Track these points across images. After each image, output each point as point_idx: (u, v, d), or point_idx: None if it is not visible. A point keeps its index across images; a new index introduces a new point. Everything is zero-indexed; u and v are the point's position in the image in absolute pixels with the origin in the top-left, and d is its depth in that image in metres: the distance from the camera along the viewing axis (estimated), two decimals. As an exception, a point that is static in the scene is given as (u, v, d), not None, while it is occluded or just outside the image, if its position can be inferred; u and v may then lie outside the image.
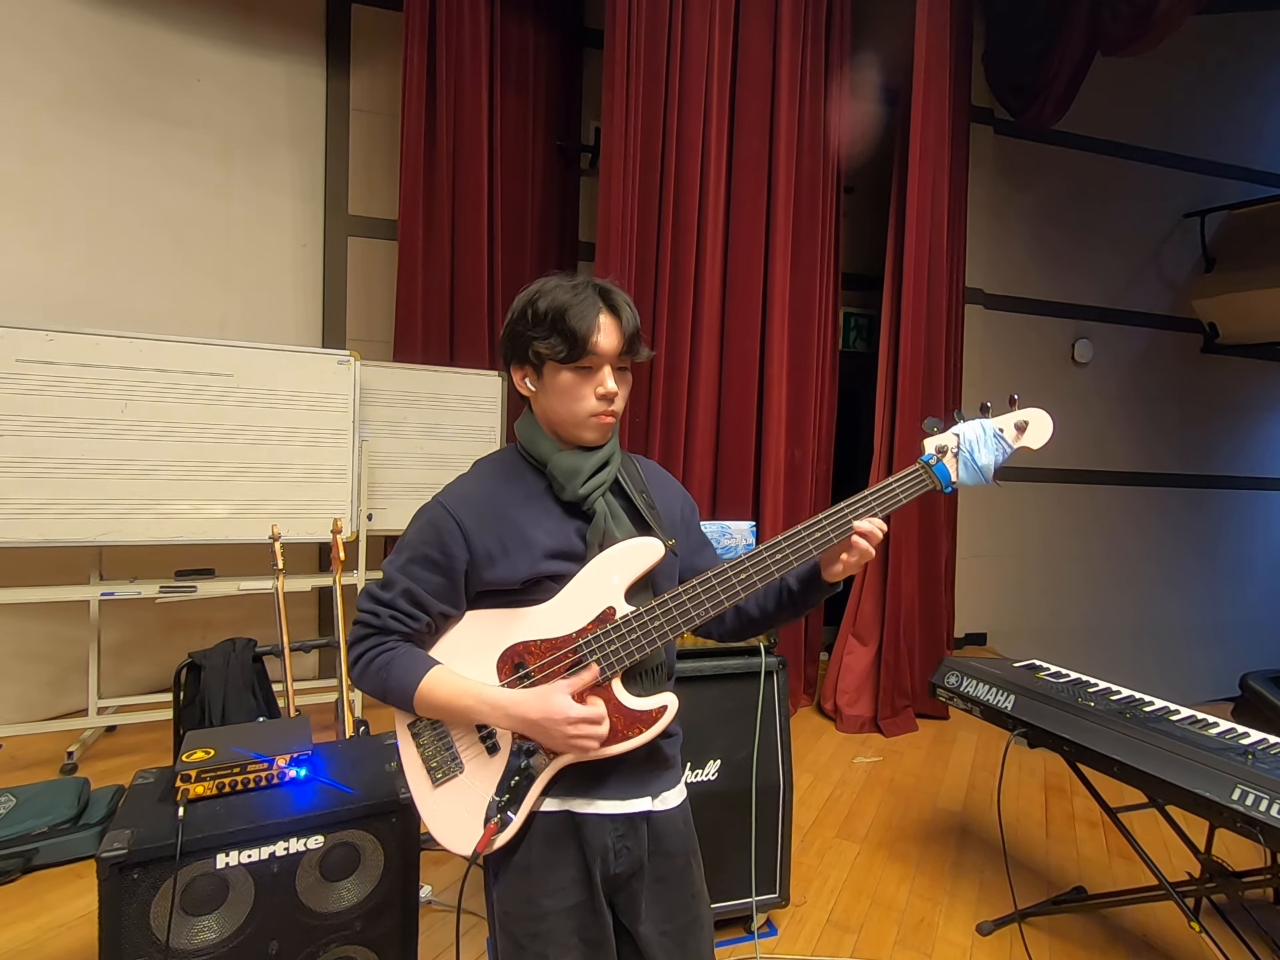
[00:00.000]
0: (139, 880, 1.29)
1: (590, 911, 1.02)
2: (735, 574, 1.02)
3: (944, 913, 2.13)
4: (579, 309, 0.98)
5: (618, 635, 0.99)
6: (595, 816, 1.02)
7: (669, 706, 1.01)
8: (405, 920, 1.53)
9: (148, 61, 3.38)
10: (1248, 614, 5.75)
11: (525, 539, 1.00)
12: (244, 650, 2.16)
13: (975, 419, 1.11)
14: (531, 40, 3.81)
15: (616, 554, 1.01)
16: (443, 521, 1.00)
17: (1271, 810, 1.44)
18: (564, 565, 1.01)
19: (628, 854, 1.03)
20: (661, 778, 1.08)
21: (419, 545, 1.01)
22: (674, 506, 1.16)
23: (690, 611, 1.00)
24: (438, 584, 1.00)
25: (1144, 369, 5.36)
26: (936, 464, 1.08)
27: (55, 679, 3.24)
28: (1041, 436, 1.11)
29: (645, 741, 1.00)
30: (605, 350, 1.00)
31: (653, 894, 1.05)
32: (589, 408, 1.01)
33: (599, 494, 1.03)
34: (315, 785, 1.50)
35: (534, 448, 1.05)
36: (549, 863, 1.01)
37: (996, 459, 1.09)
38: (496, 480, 1.05)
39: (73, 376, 2.63)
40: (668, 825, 1.08)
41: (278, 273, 3.71)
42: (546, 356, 1.00)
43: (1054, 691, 1.97)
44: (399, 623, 1.01)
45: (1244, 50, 5.28)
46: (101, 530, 2.69)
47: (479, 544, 0.99)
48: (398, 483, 3.40)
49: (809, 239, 3.60)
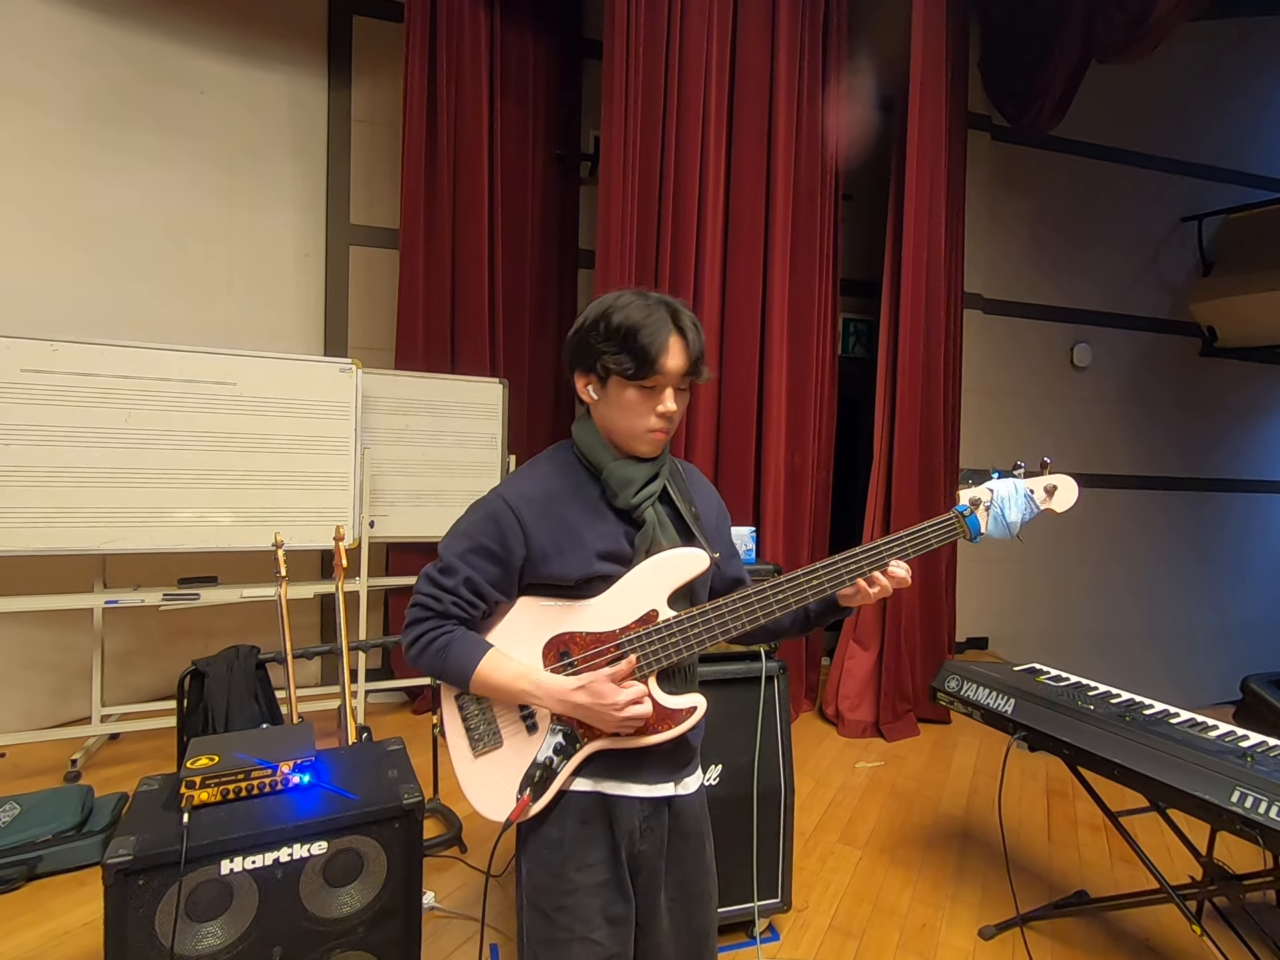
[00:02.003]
0: (144, 886, 1.29)
1: (615, 890, 1.09)
2: (774, 594, 1.09)
3: (946, 917, 2.13)
4: (651, 329, 1.02)
5: (658, 637, 1.06)
6: (626, 799, 1.10)
7: (699, 708, 1.09)
8: (408, 926, 1.53)
9: (153, 73, 3.41)
10: (1250, 617, 5.74)
11: (579, 540, 1.06)
12: (247, 657, 2.17)
13: (1009, 477, 1.19)
14: (531, 51, 3.84)
15: (665, 561, 1.08)
16: (504, 517, 1.05)
17: (1271, 812, 1.44)
18: (612, 567, 1.08)
19: (652, 834, 1.12)
20: (685, 767, 1.17)
21: (479, 536, 1.06)
22: (710, 515, 1.22)
23: (729, 623, 1.08)
24: (495, 574, 1.07)
25: (1143, 373, 5.37)
26: (969, 515, 1.17)
27: (59, 687, 3.25)
28: (1067, 502, 1.19)
29: (673, 737, 1.08)
30: (671, 371, 1.04)
31: (670, 868, 1.15)
32: (648, 424, 1.07)
33: (649, 504, 1.10)
34: (319, 791, 1.51)
35: (591, 454, 1.11)
36: (581, 839, 1.09)
37: (1024, 517, 1.17)
38: (555, 481, 1.11)
39: (77, 386, 2.65)
40: (687, 808, 1.17)
41: (280, 282, 3.74)
42: (614, 372, 1.05)
43: (1054, 695, 1.98)
44: (460, 609, 1.07)
45: (1239, 55, 5.31)
46: (105, 538, 2.70)
47: (536, 541, 1.05)
48: (400, 490, 3.41)
49: (807, 245, 3.62)
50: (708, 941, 1.21)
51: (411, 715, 3.52)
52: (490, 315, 3.69)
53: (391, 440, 3.37)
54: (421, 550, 3.60)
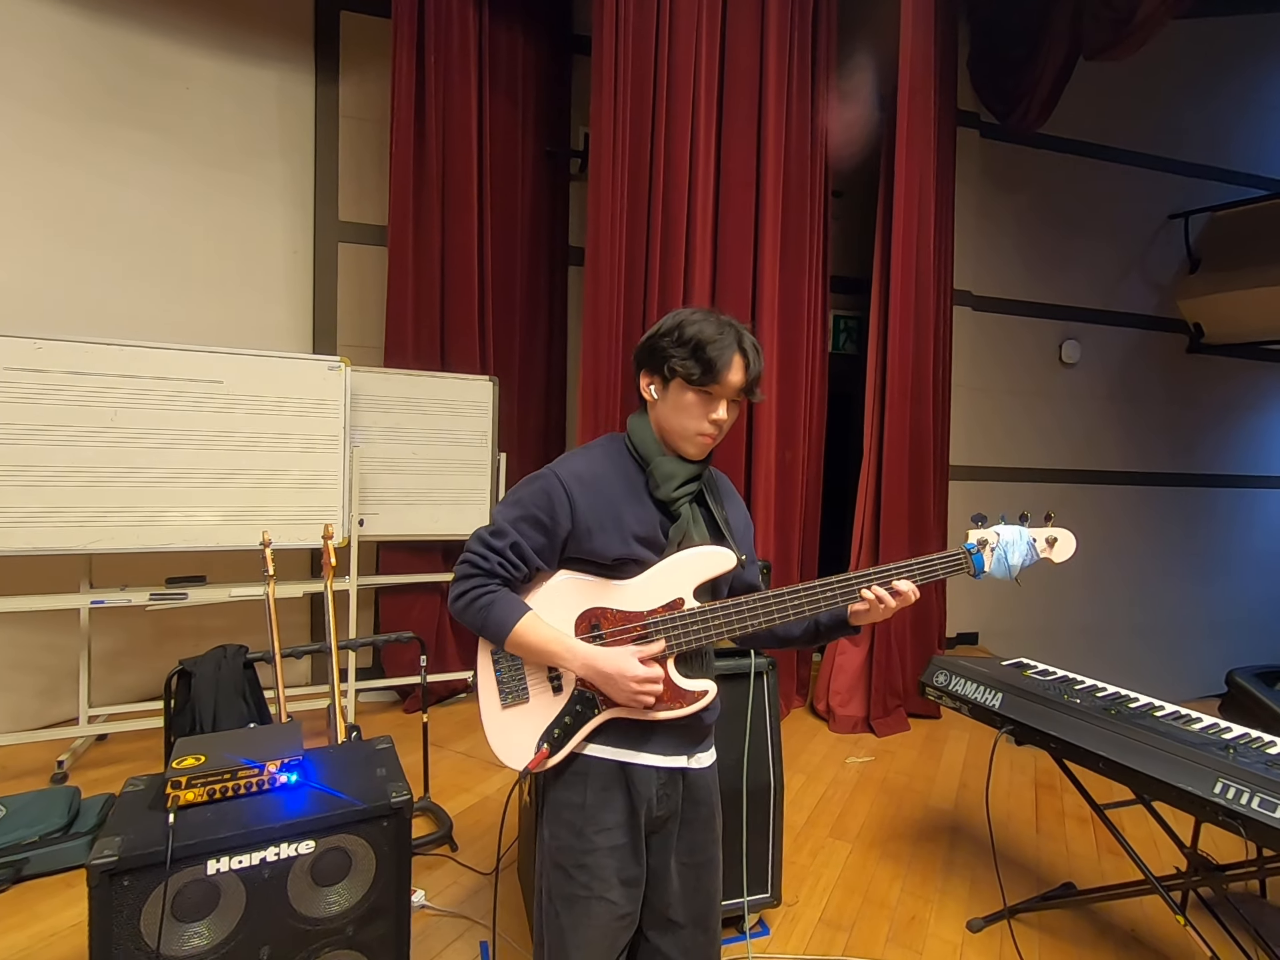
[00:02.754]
0: (130, 887, 1.29)
1: (631, 854, 1.19)
2: (791, 598, 1.20)
3: (935, 910, 2.14)
4: (720, 344, 1.15)
5: (681, 623, 1.17)
6: (642, 767, 1.19)
7: (710, 692, 1.20)
8: (398, 925, 1.53)
9: (140, 69, 3.38)
10: (1236, 611, 5.80)
11: (620, 522, 1.16)
12: (235, 657, 2.16)
13: (1014, 524, 1.30)
14: (520, 47, 3.82)
15: (696, 555, 1.18)
16: (555, 491, 1.15)
17: (1252, 803, 1.46)
18: (646, 553, 1.18)
19: (667, 800, 1.21)
20: (698, 743, 1.26)
21: (531, 506, 1.15)
22: (738, 523, 1.32)
23: (747, 620, 1.18)
24: (541, 543, 1.16)
25: (1131, 369, 5.41)
26: (976, 554, 1.29)
27: (47, 688, 3.23)
28: (1065, 554, 1.32)
29: (683, 715, 1.18)
30: (730, 384, 1.16)
31: (681, 833, 1.24)
32: (699, 427, 1.18)
33: (685, 499, 1.20)
34: (306, 790, 1.50)
35: (642, 446, 1.22)
36: (600, 803, 1.18)
37: (1024, 563, 1.29)
38: (605, 465, 1.21)
39: (62, 384, 2.62)
40: (698, 780, 1.26)
41: (268, 279, 3.71)
42: (680, 374, 1.17)
43: (1040, 689, 1.99)
44: (505, 569, 1.15)
45: (1226, 53, 5.34)
46: (92, 538, 2.68)
47: (582, 517, 1.15)
48: (390, 488, 3.40)
49: (797, 242, 3.62)
50: (714, 904, 1.28)
51: (403, 714, 3.51)
52: (480, 313, 3.67)
53: (381, 438, 3.36)
54: (412, 548, 3.59)
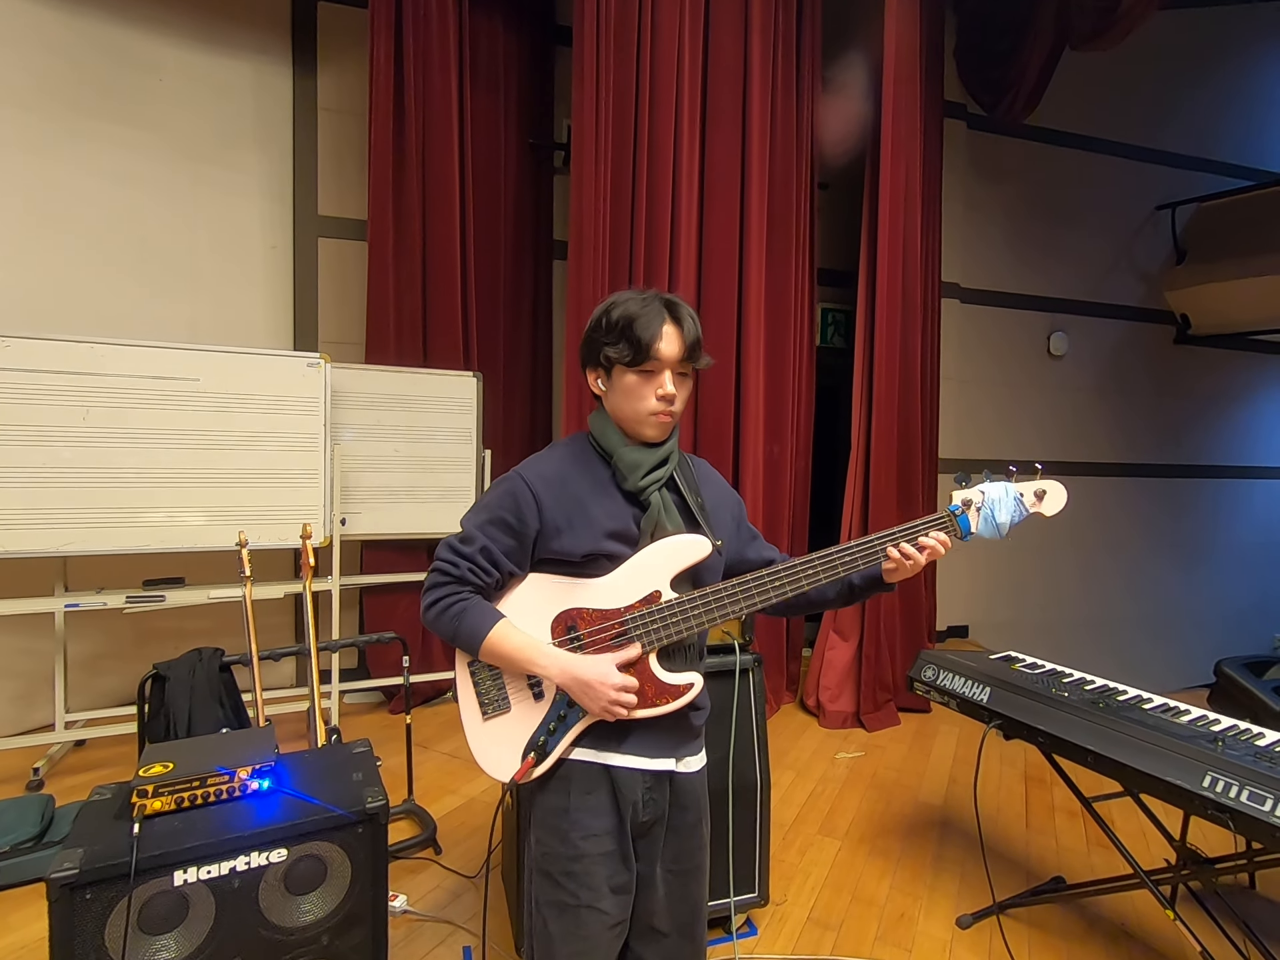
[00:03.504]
0: (92, 900, 1.25)
1: (620, 860, 1.15)
2: (771, 581, 1.17)
3: (924, 907, 2.12)
4: (645, 319, 1.12)
5: (659, 617, 1.14)
6: (627, 770, 1.16)
7: (695, 684, 1.15)
8: (375, 932, 1.49)
9: (108, 60, 3.30)
10: (1224, 601, 5.83)
11: (589, 518, 1.13)
12: (210, 660, 2.11)
13: (999, 480, 1.24)
14: (502, 37, 3.77)
15: (668, 545, 1.15)
16: (521, 492, 1.13)
17: (1241, 796, 1.44)
18: (619, 547, 1.15)
19: (654, 804, 1.18)
20: (686, 745, 1.22)
21: (497, 509, 1.14)
22: (724, 505, 1.30)
23: (727, 606, 1.15)
24: (511, 546, 1.14)
25: (1119, 360, 5.41)
26: (960, 515, 1.24)
27: (24, 693, 3.17)
28: (1056, 506, 1.26)
29: (670, 710, 1.14)
30: (666, 356, 1.13)
31: (667, 840, 1.21)
32: (650, 407, 1.14)
33: (655, 488, 1.16)
34: (279, 797, 1.46)
35: (604, 440, 1.18)
36: (585, 807, 1.14)
37: (1013, 519, 1.23)
38: (570, 463, 1.19)
39: (31, 383, 2.56)
40: (687, 785, 1.22)
41: (247, 275, 3.65)
42: (615, 360, 1.14)
43: (1028, 683, 1.97)
44: (475, 575, 1.13)
45: (1211, 44, 5.34)
46: (64, 540, 2.62)
47: (550, 516, 1.13)
48: (374, 486, 3.35)
49: (783, 235, 3.59)
50: (699, 913, 1.26)
51: (388, 715, 3.47)
52: (463, 308, 3.62)
53: (363, 436, 3.31)
54: (396, 547, 3.54)
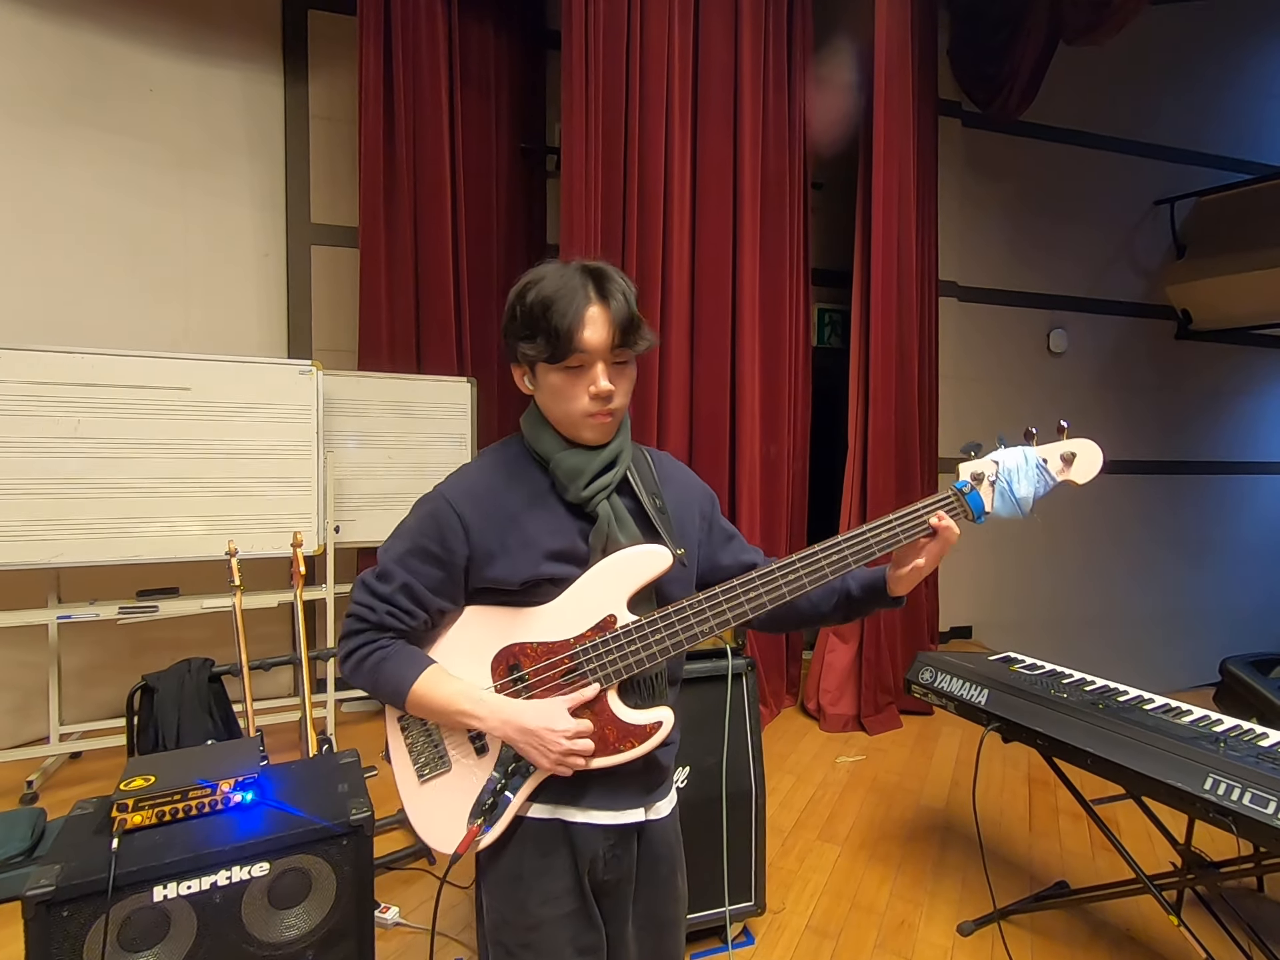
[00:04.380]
0: (70, 918, 1.22)
1: (584, 918, 1.01)
2: (744, 592, 0.98)
3: (925, 914, 2.09)
4: (563, 302, 0.91)
5: (616, 645, 0.96)
6: (588, 826, 1.00)
7: (664, 723, 0.97)
8: (360, 947, 1.47)
9: (100, 69, 3.30)
10: (1229, 599, 5.77)
11: (526, 538, 0.96)
12: (199, 670, 2.09)
13: (1018, 445, 1.02)
14: (492, 42, 3.76)
15: (621, 561, 0.97)
16: (444, 515, 0.96)
17: (1244, 799, 1.41)
18: (565, 568, 0.97)
19: (617, 863, 1.02)
20: (656, 790, 1.07)
21: (418, 537, 0.97)
22: (692, 504, 1.12)
23: (694, 627, 0.97)
24: (437, 579, 0.97)
25: (1119, 357, 5.37)
26: (970, 492, 1.01)
27: (18, 706, 3.15)
28: (1090, 471, 1.03)
29: (638, 756, 0.97)
30: (594, 346, 0.92)
31: (638, 896, 1.06)
32: (583, 408, 0.95)
33: (603, 496, 0.98)
34: (261, 810, 1.44)
35: (538, 444, 1.00)
36: (541, 870, 0.99)
37: (1037, 491, 1.00)
38: (501, 474, 1.00)
39: (21, 394, 2.55)
40: (658, 835, 1.08)
41: (240, 284, 3.64)
42: (533, 358, 0.94)
43: (1028, 684, 1.94)
44: (395, 619, 0.97)
45: (1207, 38, 5.31)
46: (55, 552, 2.61)
47: (480, 540, 0.96)
48: (368, 493, 3.34)
49: (777, 235, 3.57)
50: None
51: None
52: (456, 313, 3.61)
53: (357, 443, 3.29)
54: (392, 554, 3.52)
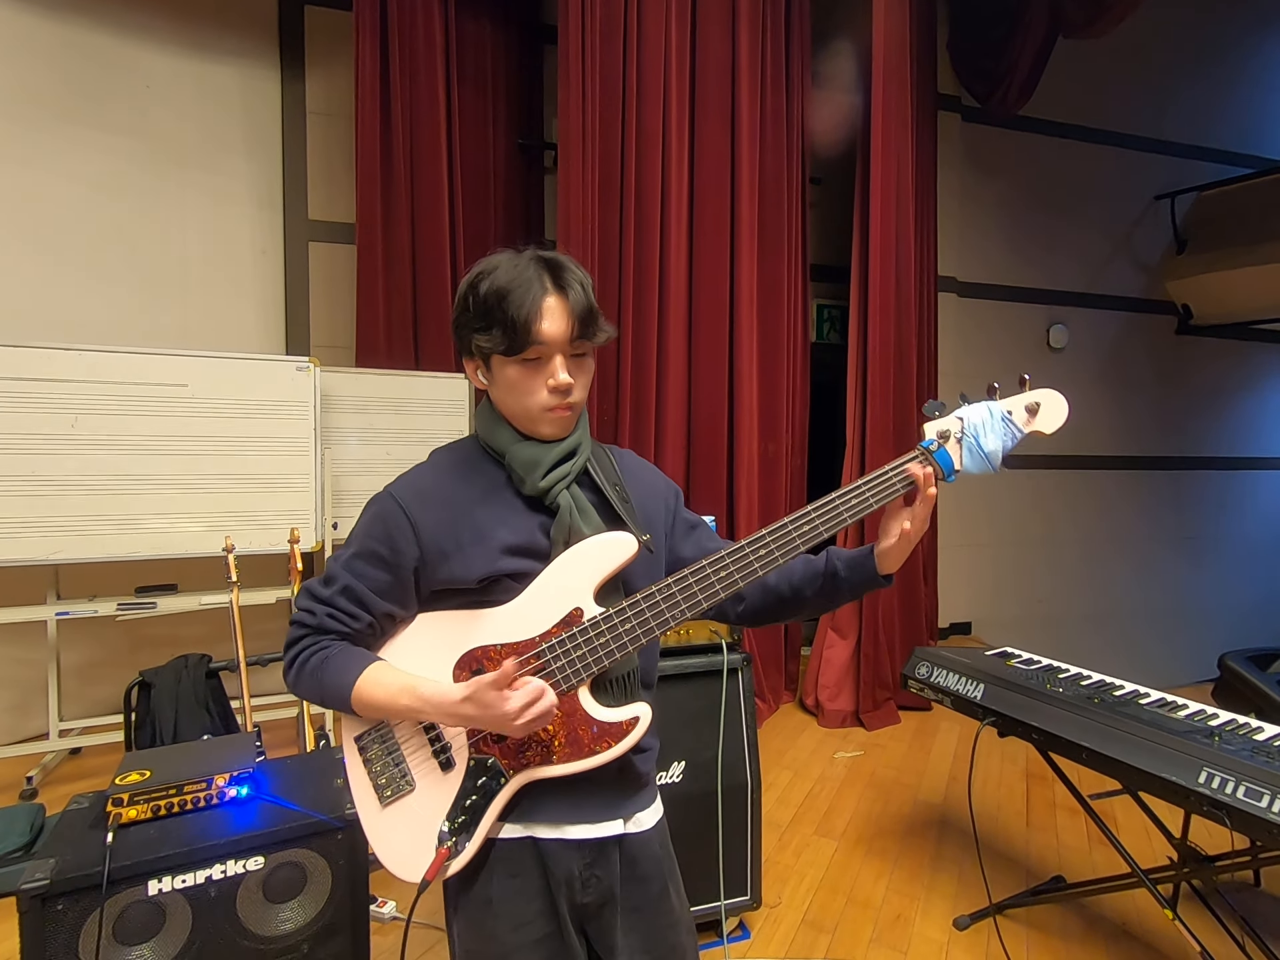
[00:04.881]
0: (64, 911, 1.23)
1: (559, 943, 0.94)
2: (714, 572, 0.94)
3: (921, 908, 2.09)
4: (519, 293, 0.88)
5: (584, 639, 0.91)
6: (560, 843, 0.94)
7: (641, 718, 0.92)
8: (356, 940, 1.47)
9: (96, 67, 3.30)
10: (1229, 594, 5.76)
11: (481, 534, 0.93)
12: (196, 666, 2.10)
13: (981, 401, 1.02)
14: (489, 37, 3.75)
15: (584, 550, 0.93)
16: (392, 515, 0.93)
17: (1238, 793, 1.41)
18: (526, 563, 0.93)
19: (596, 883, 0.95)
20: (634, 798, 1.00)
21: (365, 539, 0.94)
22: (655, 496, 1.07)
23: (665, 613, 0.92)
24: (384, 582, 0.93)
25: (1120, 352, 5.36)
26: (938, 449, 0.99)
27: (18, 702, 3.16)
28: (1055, 420, 1.03)
29: (615, 757, 0.91)
30: (552, 338, 0.90)
31: (628, 924, 0.98)
32: (541, 402, 0.92)
33: (562, 486, 0.95)
34: (256, 804, 1.45)
35: (493, 438, 0.97)
36: (511, 893, 0.93)
37: (1005, 444, 1.00)
38: (453, 471, 0.98)
39: (18, 391, 2.55)
40: (642, 849, 1.00)
41: (237, 281, 3.64)
42: (488, 350, 0.91)
43: (1023, 679, 1.94)
44: (336, 621, 0.93)
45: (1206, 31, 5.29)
46: (53, 548, 2.62)
47: (430, 540, 0.92)
48: (364, 490, 3.31)
49: (775, 230, 3.56)
50: None
51: (385, 719, 3.45)
52: (454, 309, 3.60)
53: (354, 440, 3.29)
54: (391, 551, 3.52)
